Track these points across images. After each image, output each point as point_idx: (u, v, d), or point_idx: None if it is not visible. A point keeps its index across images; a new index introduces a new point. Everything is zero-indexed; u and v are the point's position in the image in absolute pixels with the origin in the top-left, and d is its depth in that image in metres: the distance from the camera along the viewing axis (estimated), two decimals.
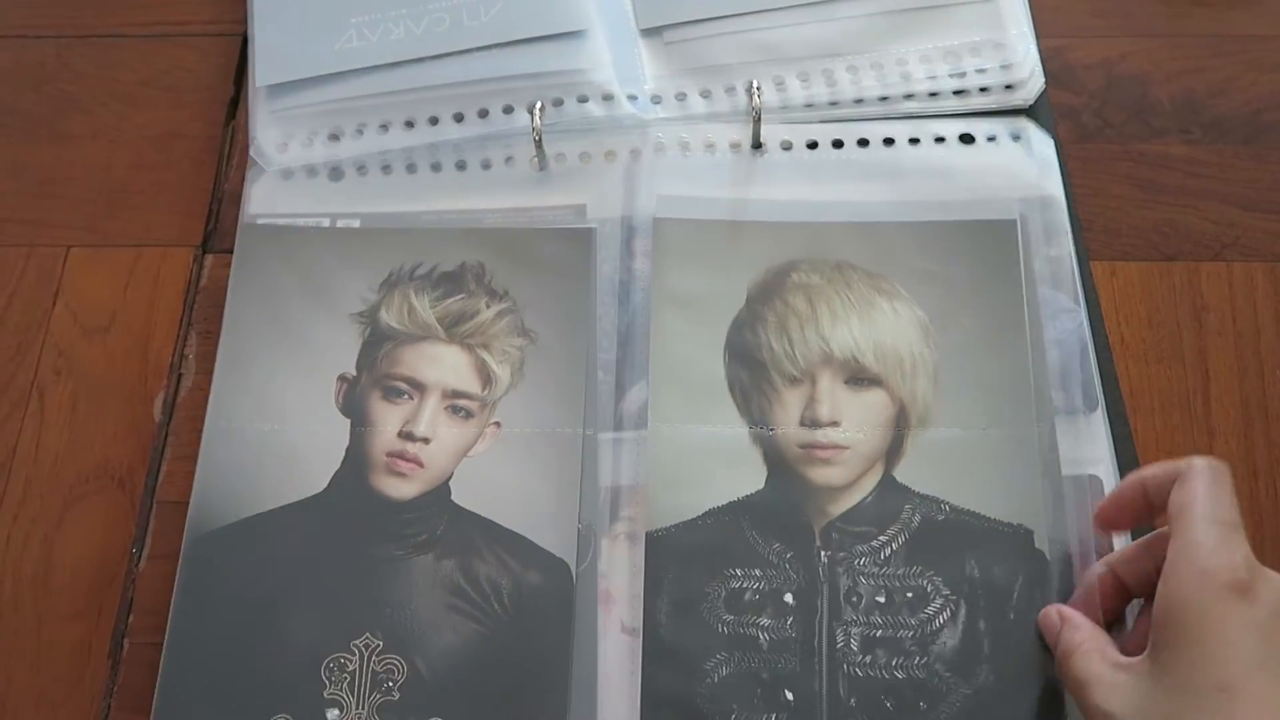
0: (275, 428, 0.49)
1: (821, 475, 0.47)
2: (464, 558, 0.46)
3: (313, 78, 0.56)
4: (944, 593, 0.45)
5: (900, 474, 0.47)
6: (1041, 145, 0.54)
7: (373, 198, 0.54)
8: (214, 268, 0.55)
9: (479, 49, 0.56)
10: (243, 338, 0.51)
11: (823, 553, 0.46)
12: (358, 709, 0.44)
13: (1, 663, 0.47)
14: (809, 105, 0.55)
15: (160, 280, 0.54)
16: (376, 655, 0.45)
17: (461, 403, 0.49)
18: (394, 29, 0.56)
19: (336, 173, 0.55)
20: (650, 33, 0.57)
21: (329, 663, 0.45)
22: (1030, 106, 0.55)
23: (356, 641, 0.45)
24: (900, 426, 0.48)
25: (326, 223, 0.54)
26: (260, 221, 0.54)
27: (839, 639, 0.44)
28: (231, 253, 0.54)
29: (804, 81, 0.56)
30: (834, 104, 0.55)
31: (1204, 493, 0.39)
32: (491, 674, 0.45)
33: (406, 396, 0.49)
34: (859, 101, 0.55)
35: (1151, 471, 0.42)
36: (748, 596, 0.45)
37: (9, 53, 0.61)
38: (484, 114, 0.55)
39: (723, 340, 0.50)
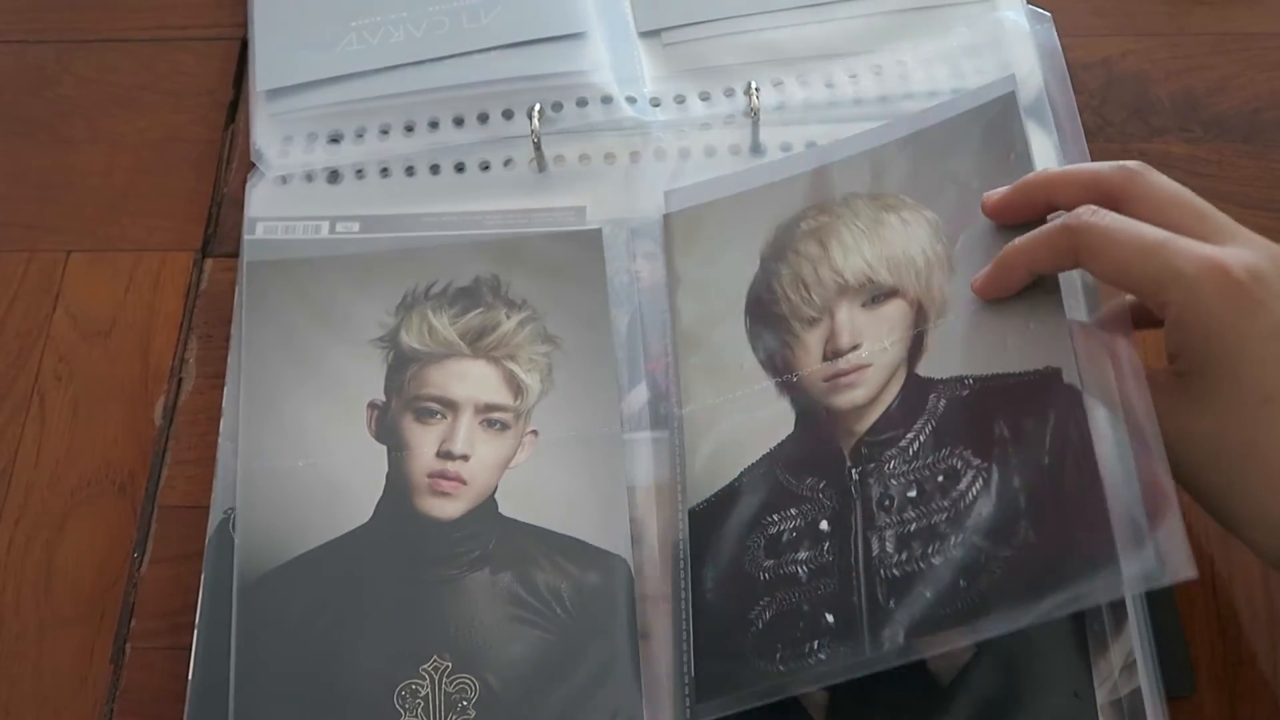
0: (312, 462, 0.48)
1: (845, 399, 0.46)
2: (520, 568, 0.46)
3: (313, 81, 0.56)
4: (974, 464, 0.42)
5: (924, 369, 0.46)
6: (1041, 144, 0.54)
7: (371, 201, 0.54)
8: (214, 271, 0.55)
9: (478, 51, 0.56)
10: (266, 377, 0.50)
11: (853, 471, 0.45)
12: None
13: (3, 668, 0.47)
14: (808, 106, 0.55)
15: (160, 284, 0.55)
16: (447, 676, 0.44)
17: (495, 415, 0.49)
18: (394, 32, 0.56)
19: (335, 176, 0.55)
20: (649, 35, 0.57)
21: (400, 690, 0.44)
22: (1029, 106, 0.55)
23: (425, 666, 0.45)
24: (920, 325, 0.46)
25: (326, 226, 0.54)
26: (260, 225, 0.53)
27: (874, 546, 0.43)
28: (231, 256, 0.54)
29: (803, 83, 0.56)
30: (833, 105, 0.55)
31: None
32: (563, 678, 0.44)
33: (440, 416, 0.49)
34: (858, 102, 0.55)
35: (1061, 176, 0.43)
36: (785, 538, 0.44)
37: (9, 57, 0.61)
38: (484, 118, 0.55)
39: (742, 308, 0.50)
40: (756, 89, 0.54)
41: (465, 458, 0.48)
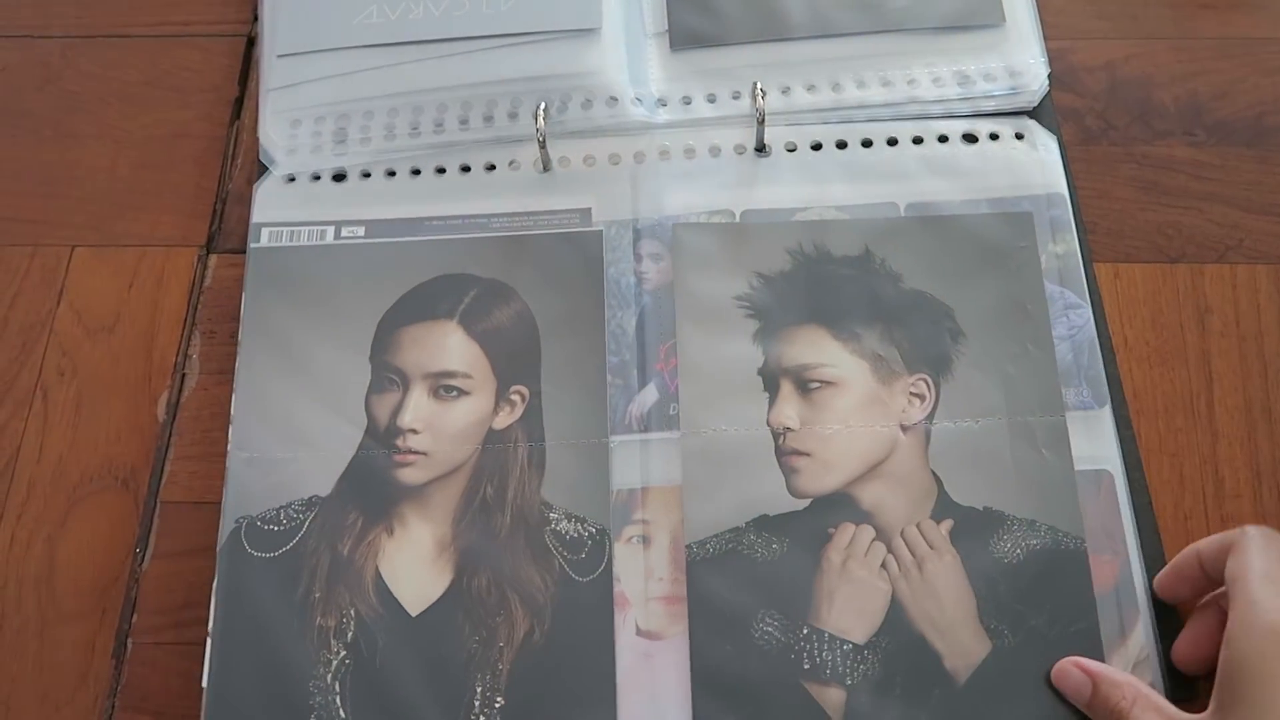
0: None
1: None
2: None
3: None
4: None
5: None
6: (1045, 143, 0.54)
7: (377, 202, 0.54)
8: (218, 268, 0.54)
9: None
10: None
11: None
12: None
13: (5, 663, 0.47)
14: (814, 109, 0.55)
15: (164, 280, 0.54)
16: None
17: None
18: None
19: (340, 176, 0.55)
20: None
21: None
22: (1034, 109, 0.55)
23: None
24: None
25: (331, 231, 0.53)
26: (266, 231, 0.53)
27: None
28: (234, 253, 0.54)
29: (810, 90, 0.56)
30: (837, 109, 0.55)
31: (1258, 556, 0.39)
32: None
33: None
34: (862, 106, 0.55)
35: (1205, 542, 0.43)
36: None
37: (15, 52, 0.61)
38: (489, 119, 0.55)
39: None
40: (762, 91, 0.54)
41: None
